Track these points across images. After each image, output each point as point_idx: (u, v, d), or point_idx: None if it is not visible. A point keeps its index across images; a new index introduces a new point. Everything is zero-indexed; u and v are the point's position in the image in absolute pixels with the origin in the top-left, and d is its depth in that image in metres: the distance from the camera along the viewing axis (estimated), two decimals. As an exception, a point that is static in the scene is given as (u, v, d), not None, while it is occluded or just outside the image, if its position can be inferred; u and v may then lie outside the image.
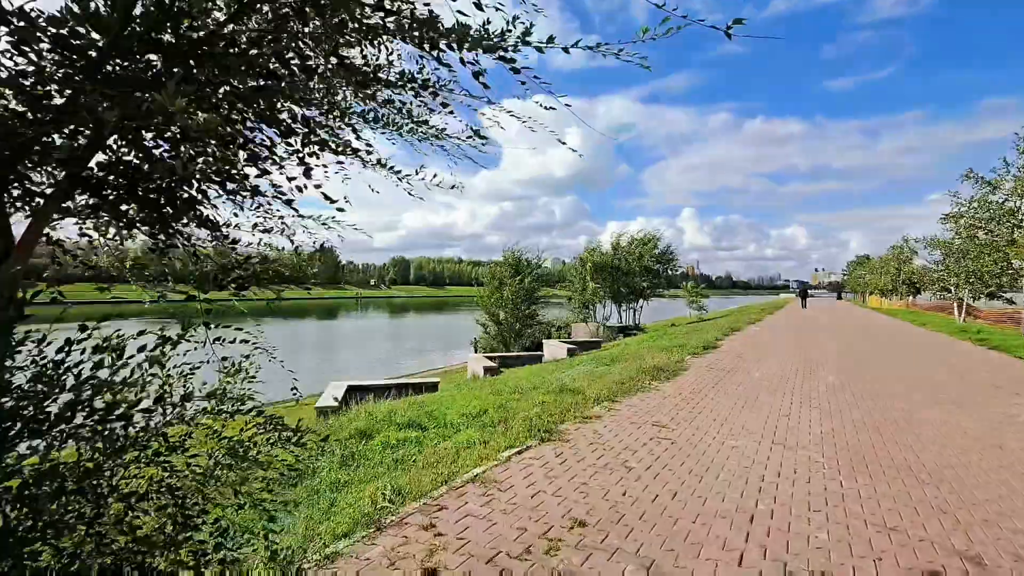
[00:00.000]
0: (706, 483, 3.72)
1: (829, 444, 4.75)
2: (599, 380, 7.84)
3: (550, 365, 14.50)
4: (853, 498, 3.50)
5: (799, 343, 13.48)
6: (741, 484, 3.71)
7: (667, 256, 37.69)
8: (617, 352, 13.99)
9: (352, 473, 4.32)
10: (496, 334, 20.27)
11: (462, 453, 4.46)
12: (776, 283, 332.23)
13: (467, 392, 9.78)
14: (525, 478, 3.75)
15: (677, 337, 15.32)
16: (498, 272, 20.41)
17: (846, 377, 8.39)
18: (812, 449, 4.59)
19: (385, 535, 2.90)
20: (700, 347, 11.45)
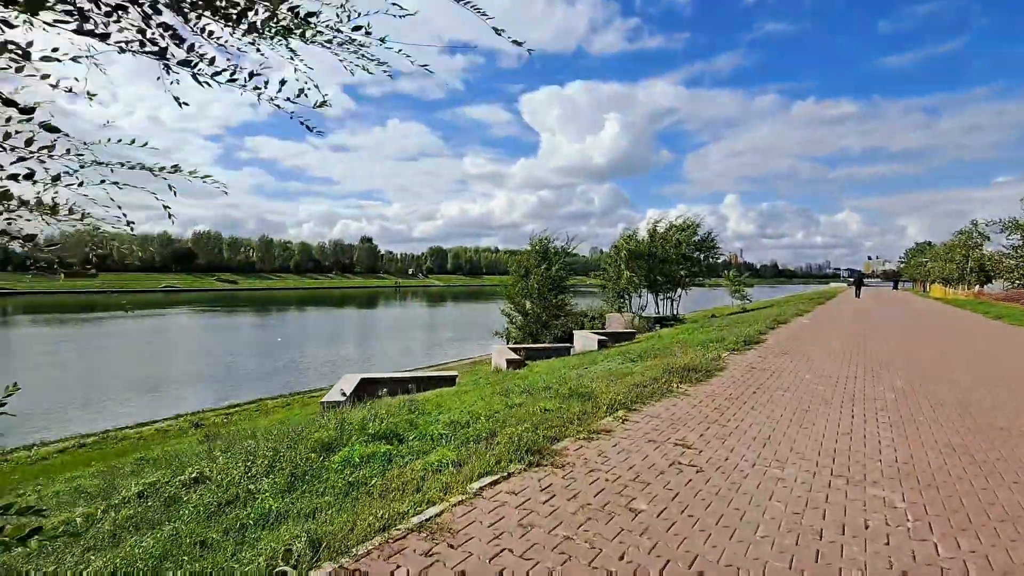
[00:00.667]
0: (739, 541, 2.69)
1: (909, 478, 3.60)
2: (619, 381, 6.80)
3: (574, 359, 13.50)
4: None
5: (856, 338, 11.97)
6: (789, 544, 2.66)
7: (707, 243, 35.76)
8: (648, 346, 12.84)
9: (292, 502, 3.50)
10: (523, 325, 19.36)
11: (429, 479, 3.56)
12: (825, 272, 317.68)
13: (473, 392, 8.92)
14: (491, 526, 2.81)
15: (716, 330, 14.00)
16: (524, 260, 19.43)
17: (919, 381, 7.04)
18: (886, 486, 3.46)
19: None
20: (741, 342, 10.20)
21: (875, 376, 7.31)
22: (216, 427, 11.25)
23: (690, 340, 11.99)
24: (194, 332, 36.81)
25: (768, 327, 13.42)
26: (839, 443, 4.33)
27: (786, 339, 11.36)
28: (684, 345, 10.84)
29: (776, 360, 8.47)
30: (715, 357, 8.41)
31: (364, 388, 13.26)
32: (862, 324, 15.75)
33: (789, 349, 9.80)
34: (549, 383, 8.26)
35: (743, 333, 11.82)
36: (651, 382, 6.39)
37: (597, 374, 8.07)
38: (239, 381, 19.66)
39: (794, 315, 18.25)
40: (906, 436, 4.57)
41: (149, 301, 78.54)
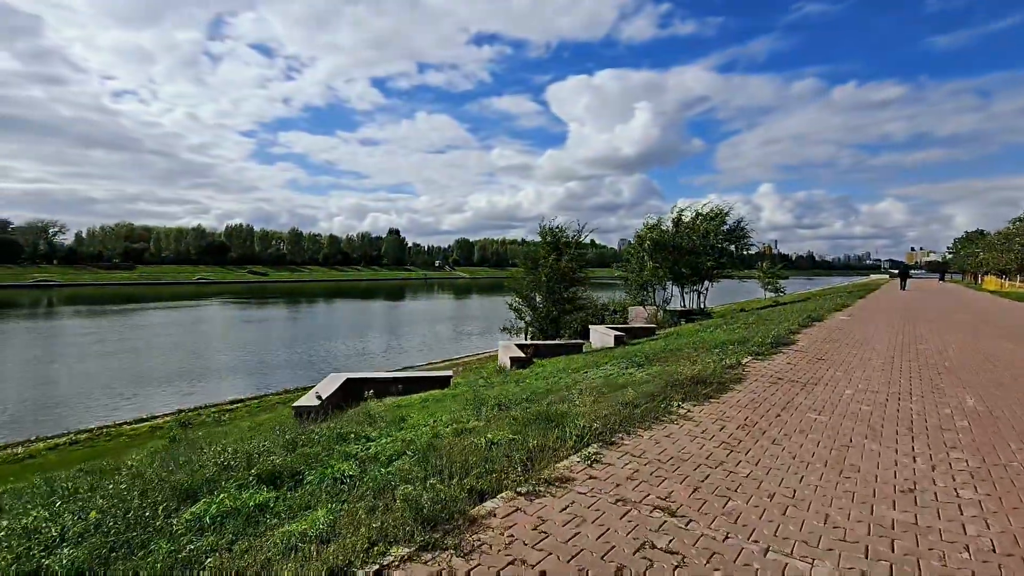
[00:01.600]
0: None
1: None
2: (610, 395, 5.52)
3: (580, 359, 12.20)
4: None
5: (906, 338, 10.29)
6: None
7: (738, 233, 33.64)
8: (663, 345, 11.43)
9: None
10: (533, 320, 18.10)
11: (277, 563, 2.39)
12: (865, 263, 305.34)
13: (450, 402, 7.76)
14: None
15: (741, 327, 12.47)
16: (533, 251, 18.13)
17: (1001, 401, 5.50)
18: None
19: None
20: (767, 343, 8.72)
21: (937, 391, 5.81)
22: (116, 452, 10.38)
23: (709, 340, 10.55)
24: (215, 325, 36.80)
25: (801, 324, 11.83)
26: (898, 507, 2.96)
27: (821, 340, 9.79)
28: (701, 346, 9.42)
29: (808, 368, 7.00)
30: (733, 364, 7.00)
31: (350, 389, 12.25)
32: (910, 320, 13.93)
33: (824, 353, 8.28)
34: (533, 392, 7.03)
35: (771, 332, 10.31)
36: (646, 400, 5.07)
37: (590, 383, 6.79)
38: (241, 375, 19.04)
39: (831, 310, 16.46)
40: (998, 496, 3.16)
41: (182, 293, 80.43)
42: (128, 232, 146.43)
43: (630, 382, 6.43)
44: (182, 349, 24.95)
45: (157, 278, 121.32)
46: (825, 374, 6.60)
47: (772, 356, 7.87)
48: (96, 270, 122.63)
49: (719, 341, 9.82)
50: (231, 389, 16.99)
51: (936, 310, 18.17)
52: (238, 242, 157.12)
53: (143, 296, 68.08)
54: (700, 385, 5.65)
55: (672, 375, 6.14)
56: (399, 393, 12.18)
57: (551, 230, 17.98)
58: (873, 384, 6.11)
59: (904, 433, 4.31)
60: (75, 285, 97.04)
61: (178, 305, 53.31)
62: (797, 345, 9.06)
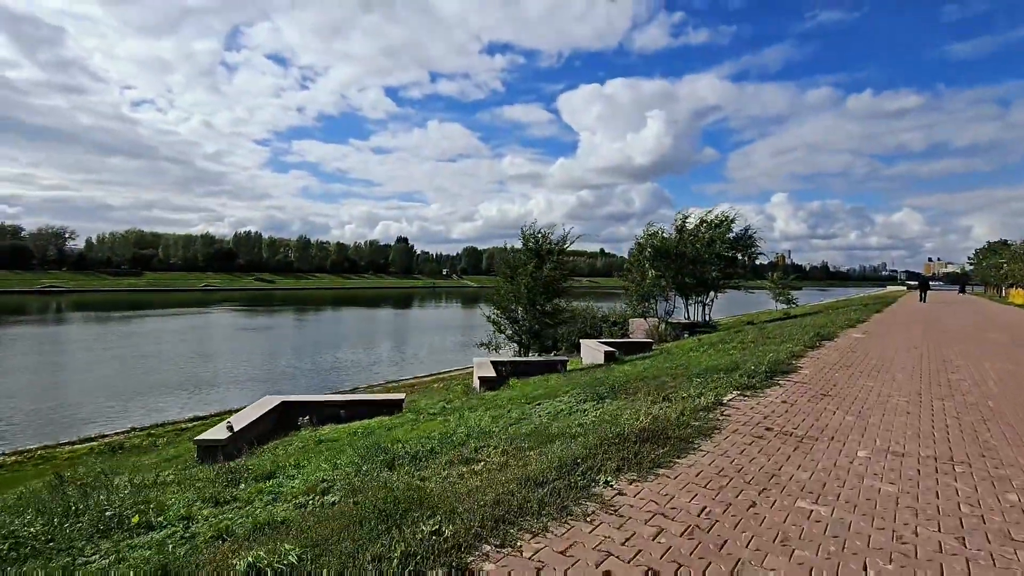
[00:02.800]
0: None
1: None
2: (525, 454, 3.96)
3: (547, 383, 10.60)
4: None
5: (933, 363, 8.56)
6: None
7: (745, 241, 31.75)
8: (643, 368, 9.80)
9: None
10: (514, 335, 16.51)
11: None
12: (881, 274, 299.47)
13: (340, 449, 6.24)
14: None
15: (736, 347, 10.78)
16: (512, 259, 16.57)
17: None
18: None
19: None
20: (762, 371, 7.06)
21: (988, 452, 4.13)
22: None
23: (696, 364, 8.90)
24: (206, 333, 35.61)
25: (807, 344, 10.12)
26: None
27: (830, 366, 8.08)
28: (683, 373, 7.79)
29: (809, 410, 5.34)
30: (710, 404, 5.35)
31: (287, 414, 10.74)
32: (934, 339, 12.13)
33: (832, 386, 6.59)
34: (466, 434, 5.47)
35: (772, 353, 8.64)
36: (564, 471, 3.47)
37: (524, 426, 5.23)
38: (202, 390, 17.62)
39: (844, 326, 14.68)
40: None
41: (188, 300, 79.89)
42: (137, 239, 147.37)
43: (568, 429, 4.84)
44: (166, 359, 23.74)
45: (165, 284, 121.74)
46: (831, 421, 4.93)
47: (765, 390, 6.20)
48: (104, 276, 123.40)
49: (706, 366, 8.17)
50: (191, 405, 15.65)
51: (962, 327, 16.28)
52: (246, 249, 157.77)
53: (149, 303, 67.61)
54: (653, 443, 4.03)
55: (621, 425, 4.53)
56: (343, 419, 10.65)
57: (533, 235, 16.42)
58: (896, 438, 4.45)
59: (950, 544, 2.66)
60: (83, 291, 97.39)
61: (179, 312, 52.47)
62: (799, 373, 7.38)
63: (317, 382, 18.95)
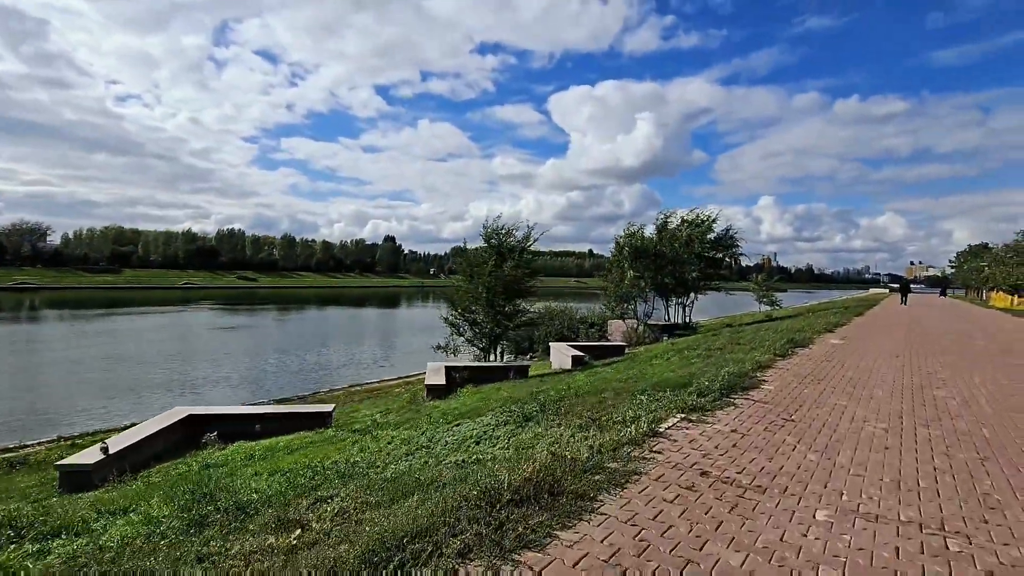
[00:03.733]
0: None
1: None
2: (374, 515, 2.80)
3: (497, 392, 9.49)
4: None
5: (916, 378, 7.55)
6: None
7: (726, 241, 30.83)
8: (588, 383, 8.68)
9: None
10: (474, 338, 15.36)
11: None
12: (864, 277, 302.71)
13: (149, 499, 5.04)
14: None
15: (702, 355, 9.72)
16: (472, 257, 15.40)
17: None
18: None
19: None
20: (719, 384, 5.98)
21: (991, 517, 3.05)
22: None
23: (650, 375, 7.82)
24: (170, 333, 33.92)
25: (778, 352, 9.08)
26: None
27: (799, 379, 7.02)
28: (629, 389, 6.69)
29: (761, 443, 4.24)
30: (640, 436, 4.23)
31: (197, 428, 9.48)
32: (918, 347, 11.19)
33: (798, 407, 5.51)
34: (323, 473, 4.31)
35: (735, 364, 7.57)
36: (378, 562, 2.32)
37: (384, 474, 4.07)
38: (135, 394, 16.20)
39: (822, 330, 13.71)
40: None
41: (167, 298, 77.52)
42: (116, 235, 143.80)
43: (451, 470, 3.70)
44: (111, 362, 22.18)
45: (143, 282, 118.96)
46: (787, 461, 3.84)
47: (716, 413, 5.10)
48: (81, 273, 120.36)
49: (659, 379, 7.08)
50: (105, 415, 14.27)
51: (946, 332, 15.41)
52: (229, 247, 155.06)
53: (126, 300, 65.44)
54: (534, 503, 2.89)
55: (535, 462, 3.38)
56: (258, 434, 9.41)
57: (496, 232, 15.27)
58: (870, 489, 3.36)
59: None
60: (56, 288, 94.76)
61: (152, 311, 50.62)
62: (763, 388, 6.30)
63: (256, 389, 17.61)
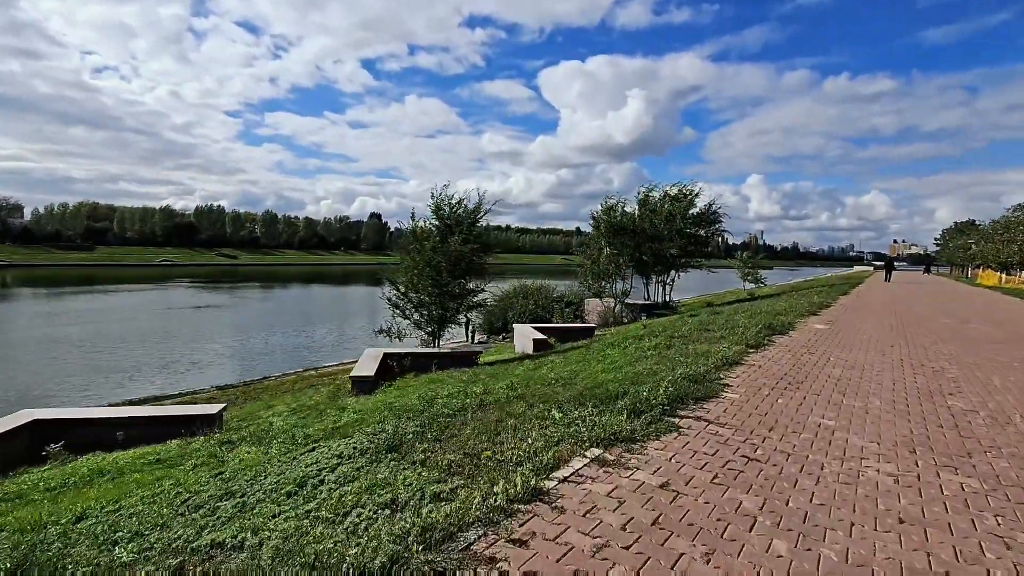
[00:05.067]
0: None
1: None
2: None
3: (425, 387, 7.86)
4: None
5: (921, 377, 6.03)
6: None
7: (708, 217, 29.01)
8: (499, 388, 7.05)
9: None
10: (422, 321, 13.64)
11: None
12: (849, 255, 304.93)
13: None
14: None
15: (662, 344, 8.10)
16: (418, 231, 13.57)
17: None
18: None
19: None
20: (669, 394, 4.38)
21: None
22: None
23: (590, 375, 6.22)
24: (129, 314, 31.77)
25: (753, 342, 7.53)
26: None
27: (772, 382, 5.45)
28: (554, 397, 5.08)
29: (703, 508, 2.64)
30: (514, 497, 2.61)
31: (41, 435, 7.76)
32: (913, 333, 9.74)
33: (763, 433, 3.91)
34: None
35: (696, 359, 5.99)
36: None
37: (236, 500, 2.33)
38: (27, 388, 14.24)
39: (806, 312, 12.23)
40: None
41: (142, 276, 74.59)
42: (91, 211, 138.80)
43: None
44: (32, 345, 20.19)
45: (118, 259, 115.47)
46: (737, 561, 2.24)
47: (646, 446, 3.48)
48: (51, 250, 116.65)
49: (591, 384, 5.47)
50: None
51: (939, 314, 14.02)
52: (208, 224, 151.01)
53: (100, 278, 62.80)
54: None
55: None
56: (118, 443, 7.73)
57: (444, 201, 13.44)
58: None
59: None
60: (26, 265, 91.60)
61: (119, 290, 48.19)
62: (723, 398, 4.71)
63: (175, 379, 15.83)
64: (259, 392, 13.16)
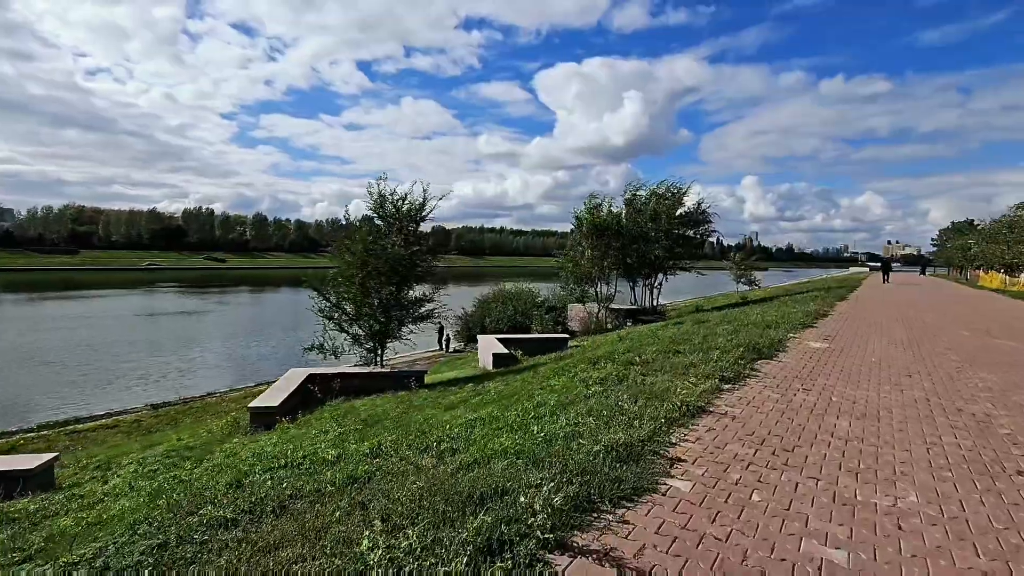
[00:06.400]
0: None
1: None
2: None
3: (300, 438, 6.00)
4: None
5: (970, 439, 4.27)
6: None
7: (696, 216, 27.10)
8: (473, 398, 5.25)
9: None
10: (364, 336, 11.78)
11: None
12: (844, 256, 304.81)
13: None
14: None
15: (611, 378, 6.28)
16: (352, 231, 11.72)
17: None
18: None
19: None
20: (595, 475, 2.56)
21: None
22: None
23: (481, 435, 4.40)
24: (83, 323, 29.80)
25: (732, 370, 5.74)
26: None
27: (749, 454, 3.65)
28: (394, 492, 3.23)
29: None
30: None
31: None
32: (938, 357, 7.99)
33: (731, 569, 2.13)
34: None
35: (653, 402, 4.20)
36: None
37: None
38: None
39: (799, 324, 10.45)
40: None
41: (127, 280, 72.40)
42: (75, 214, 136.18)
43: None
44: None
45: (102, 263, 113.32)
46: None
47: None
48: (34, 254, 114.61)
49: (471, 460, 3.66)
50: None
51: (955, 323, 12.28)
52: (197, 226, 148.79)
53: (82, 283, 60.90)
54: None
55: None
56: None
57: (386, 197, 11.61)
58: None
59: None
60: (5, 270, 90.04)
61: (89, 295, 46.15)
62: (663, 494, 2.92)
63: (87, 398, 13.95)
64: (163, 421, 11.31)
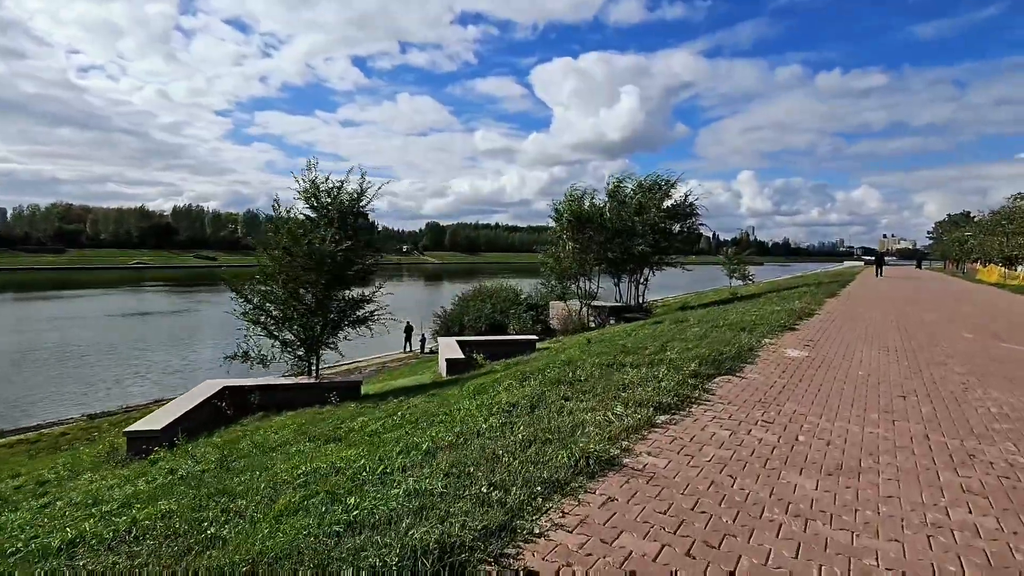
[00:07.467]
0: None
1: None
2: None
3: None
4: None
5: (973, 475, 3.03)
6: None
7: (684, 210, 25.73)
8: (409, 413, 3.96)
9: None
10: (296, 342, 10.50)
11: None
12: (839, 250, 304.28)
13: None
14: None
15: (523, 405, 5.01)
16: (279, 225, 10.42)
17: None
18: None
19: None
20: None
21: None
22: None
23: (365, 467, 3.09)
24: (57, 325, 28.43)
25: (672, 397, 4.50)
26: None
27: (654, 533, 2.42)
28: None
29: None
30: None
31: None
32: (940, 370, 6.77)
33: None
34: None
35: (553, 449, 2.91)
36: None
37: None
38: None
39: (780, 326, 9.20)
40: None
41: (115, 279, 70.86)
42: (63, 213, 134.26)
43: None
44: None
45: (89, 262, 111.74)
46: None
47: None
48: (19, 254, 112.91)
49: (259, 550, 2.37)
50: None
51: (956, 323, 11.05)
52: (186, 224, 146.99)
53: (68, 282, 59.58)
54: None
55: None
56: None
57: (321, 188, 10.31)
58: None
59: None
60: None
61: (65, 295, 44.78)
62: None
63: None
64: (62, 442, 10.04)
